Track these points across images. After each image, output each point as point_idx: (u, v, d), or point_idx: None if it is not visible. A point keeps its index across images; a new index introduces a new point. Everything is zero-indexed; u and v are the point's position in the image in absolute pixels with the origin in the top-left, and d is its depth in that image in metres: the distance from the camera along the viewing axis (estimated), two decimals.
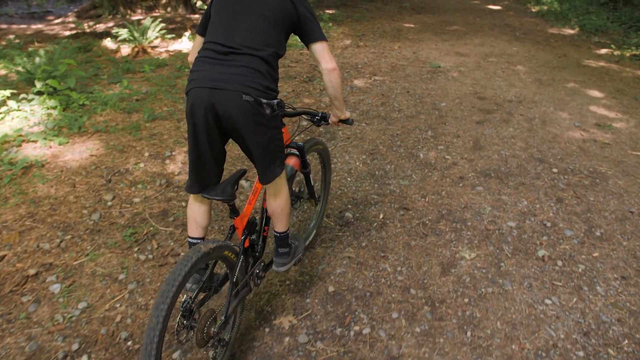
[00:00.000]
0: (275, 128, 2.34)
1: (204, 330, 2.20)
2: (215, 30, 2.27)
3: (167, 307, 1.90)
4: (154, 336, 1.86)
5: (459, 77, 7.63)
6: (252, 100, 2.12)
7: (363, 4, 14.45)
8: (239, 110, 2.12)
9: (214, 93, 2.11)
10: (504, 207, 4.22)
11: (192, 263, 2.01)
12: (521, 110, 6.36)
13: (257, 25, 2.23)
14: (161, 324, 1.87)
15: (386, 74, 7.72)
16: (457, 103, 6.54)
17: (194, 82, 2.17)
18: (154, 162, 4.86)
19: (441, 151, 5.22)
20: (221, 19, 2.29)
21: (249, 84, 2.12)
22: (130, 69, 7.88)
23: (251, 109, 2.14)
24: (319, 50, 2.32)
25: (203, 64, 2.20)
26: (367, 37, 10.20)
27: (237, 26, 2.23)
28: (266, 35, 2.23)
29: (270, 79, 2.22)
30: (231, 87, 2.09)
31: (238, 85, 2.10)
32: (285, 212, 2.66)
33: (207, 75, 2.15)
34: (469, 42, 9.93)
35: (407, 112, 6.23)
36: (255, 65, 2.16)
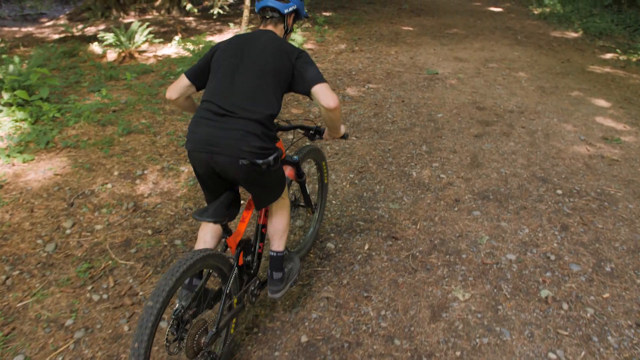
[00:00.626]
0: (273, 175, 2.38)
1: (195, 340, 2.15)
2: (214, 90, 2.28)
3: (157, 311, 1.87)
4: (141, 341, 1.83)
5: (457, 84, 7.17)
6: (248, 163, 2.16)
7: (361, 6, 14.00)
8: (236, 173, 2.23)
9: (212, 157, 2.18)
10: (503, 236, 3.77)
11: (178, 275, 1.98)
12: (523, 121, 5.90)
13: (255, 87, 2.25)
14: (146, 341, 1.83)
15: (381, 82, 7.27)
16: (454, 114, 6.09)
17: (192, 144, 2.24)
18: (123, 183, 4.43)
19: (436, 169, 4.77)
20: (220, 77, 2.29)
21: (244, 148, 2.15)
22: (113, 75, 7.46)
23: (248, 170, 2.21)
24: (318, 91, 2.28)
25: (200, 126, 2.23)
26: (363, 41, 9.75)
27: (235, 87, 2.24)
28: (263, 98, 2.25)
29: (266, 139, 2.24)
30: (228, 153, 2.15)
31: (234, 150, 2.14)
32: (285, 231, 2.64)
33: (204, 139, 2.19)
34: (468, 47, 9.47)
35: (401, 124, 5.79)
36: (251, 129, 2.18)
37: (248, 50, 2.33)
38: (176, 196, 4.30)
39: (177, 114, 5.87)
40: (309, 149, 3.09)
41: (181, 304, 2.11)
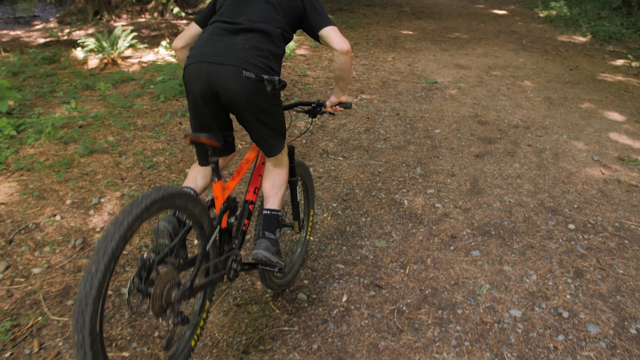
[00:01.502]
0: (275, 105, 2.22)
1: (163, 293, 1.76)
2: (222, 12, 2.20)
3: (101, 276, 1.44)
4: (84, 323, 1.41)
5: (457, 95, 6.55)
6: (253, 77, 2.01)
7: (361, 8, 13.39)
8: (238, 86, 2.02)
9: (213, 67, 2.00)
10: (507, 285, 3.16)
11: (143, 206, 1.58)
12: (529, 138, 5.28)
13: (265, 10, 2.17)
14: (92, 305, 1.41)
15: (375, 92, 6.66)
16: (453, 129, 5.47)
17: (193, 58, 2.07)
18: (75, 213, 3.85)
19: (430, 196, 4.16)
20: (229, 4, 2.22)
21: (250, 60, 2.02)
22: (89, 85, 6.88)
23: (251, 86, 2.04)
24: (330, 34, 2.20)
25: (205, 41, 2.10)
26: (360, 47, 9.13)
27: (245, 11, 2.16)
28: (273, 18, 2.16)
29: (273, 59, 2.12)
30: (231, 62, 1.99)
31: (239, 60, 2.00)
32: (281, 187, 2.46)
33: (207, 51, 2.05)
34: (470, 52, 8.84)
35: (394, 142, 5.18)
36: (259, 43, 2.07)
37: None
38: None
39: (149, 131, 5.29)
40: (297, 163, 2.86)
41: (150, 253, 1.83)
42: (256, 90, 2.06)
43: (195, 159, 2.54)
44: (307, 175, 3.10)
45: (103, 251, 1.47)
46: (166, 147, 4.93)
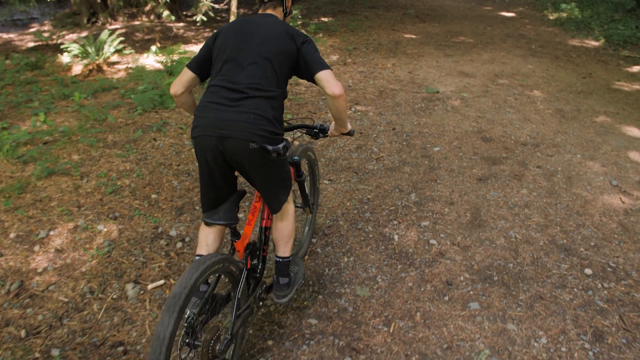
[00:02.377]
0: (281, 166, 2.26)
1: (210, 347, 2.02)
2: (221, 73, 2.18)
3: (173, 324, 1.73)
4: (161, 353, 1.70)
5: (460, 107, 5.96)
6: (259, 148, 2.07)
7: (363, 10, 12.80)
8: (246, 157, 2.10)
9: (222, 142, 2.07)
10: (510, 351, 2.59)
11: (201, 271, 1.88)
12: (538, 158, 4.69)
13: (264, 69, 2.15)
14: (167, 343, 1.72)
15: (371, 103, 6.08)
16: (454, 147, 4.89)
17: (200, 130, 2.10)
18: (17, 250, 3.33)
19: (425, 230, 3.59)
20: (227, 61, 2.19)
21: (255, 131, 2.06)
22: (66, 94, 6.37)
23: (258, 155, 2.10)
24: (323, 78, 2.18)
25: (209, 110, 2.12)
26: (359, 52, 8.56)
27: (243, 69, 2.15)
28: (272, 79, 2.16)
29: (276, 124, 2.16)
30: (238, 136, 2.04)
31: (245, 133, 2.05)
32: (291, 237, 2.53)
33: (214, 123, 2.08)
34: (476, 58, 8.23)
35: (387, 162, 4.61)
36: (262, 111, 2.10)
37: (253, 34, 2.22)
38: (79, 272, 3.18)
39: (119, 148, 4.76)
40: (303, 148, 2.91)
41: (192, 311, 2.00)
42: (262, 158, 2.13)
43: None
44: (315, 160, 3.20)
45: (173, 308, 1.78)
46: (134, 168, 4.40)
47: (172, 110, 5.74)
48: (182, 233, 3.61)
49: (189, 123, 5.42)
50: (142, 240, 3.51)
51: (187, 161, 4.59)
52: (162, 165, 4.49)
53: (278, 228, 2.51)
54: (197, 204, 3.96)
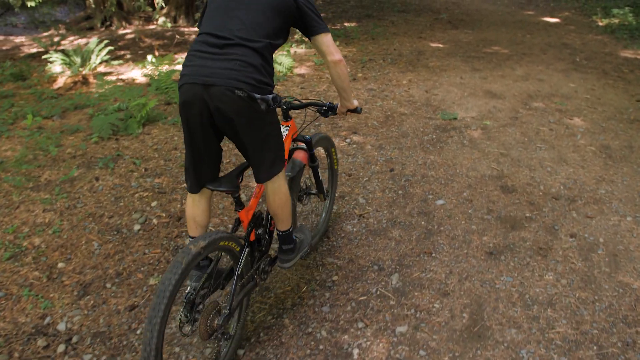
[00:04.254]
0: (271, 124, 2.13)
1: (208, 322, 2.01)
2: (209, 22, 2.07)
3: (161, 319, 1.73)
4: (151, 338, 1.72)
5: (480, 139, 4.76)
6: (246, 96, 1.94)
7: (391, 15, 11.60)
8: (232, 106, 1.96)
9: (206, 89, 1.93)
10: None
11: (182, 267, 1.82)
12: (573, 221, 3.48)
13: (252, 16, 2.02)
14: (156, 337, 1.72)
15: (372, 132, 4.96)
16: (464, 200, 3.73)
17: (186, 78, 1.98)
18: None
19: (400, 341, 2.49)
20: (215, 9, 2.08)
21: (242, 78, 1.93)
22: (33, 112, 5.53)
23: (245, 105, 1.96)
24: (322, 42, 2.14)
25: (195, 58, 1.99)
26: (374, 64, 7.41)
27: (231, 16, 2.03)
28: (261, 26, 2.02)
29: (265, 73, 2.01)
30: (223, 83, 1.91)
31: (230, 80, 1.91)
32: (285, 211, 2.36)
33: (198, 70, 1.95)
34: (508, 74, 6.94)
35: (372, 221, 3.50)
36: (249, 59, 1.96)
37: None
38: None
39: (48, 192, 3.84)
40: (319, 137, 2.88)
41: (192, 286, 2.04)
42: (249, 109, 1.98)
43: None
44: (330, 145, 3.11)
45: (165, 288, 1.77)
46: (54, 221, 3.46)
47: (134, 137, 4.79)
48: (74, 328, 2.63)
49: (147, 156, 4.45)
50: (14, 338, 2.54)
51: (124, 211, 3.62)
52: (90, 218, 3.53)
53: (271, 205, 2.33)
54: (110, 279, 2.98)
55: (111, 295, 2.87)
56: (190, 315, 2.00)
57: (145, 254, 3.23)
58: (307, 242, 2.65)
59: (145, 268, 3.09)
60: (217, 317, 2.07)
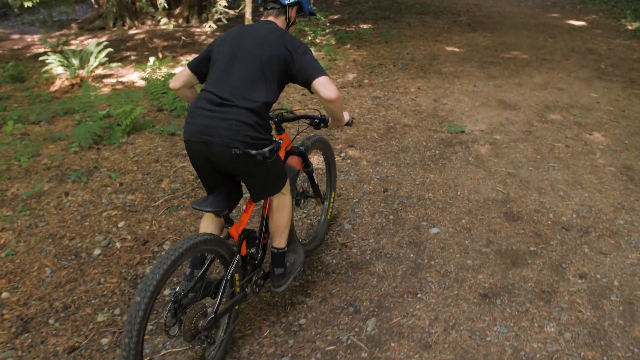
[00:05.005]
0: (270, 167, 2.20)
1: (192, 322, 2.01)
2: (211, 79, 2.19)
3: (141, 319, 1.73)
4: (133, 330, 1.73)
5: (487, 156, 4.32)
6: (241, 153, 2.04)
7: (408, 17, 11.12)
8: (230, 162, 2.10)
9: (206, 147, 2.08)
10: None
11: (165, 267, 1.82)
12: (584, 258, 3.03)
13: (251, 77, 2.12)
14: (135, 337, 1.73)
15: (370, 146, 4.56)
16: (462, 229, 3.31)
17: (187, 135, 2.13)
18: None
19: None
20: (218, 67, 2.19)
21: (237, 137, 2.04)
22: (21, 117, 5.29)
23: (241, 160, 2.08)
24: (318, 85, 2.13)
25: (195, 116, 2.12)
26: (382, 69, 6.99)
27: (232, 76, 2.14)
28: (258, 86, 2.12)
29: (260, 129, 2.11)
30: (220, 143, 2.04)
31: (227, 139, 2.03)
32: (286, 228, 2.43)
33: (199, 129, 2.09)
34: (525, 82, 6.44)
35: (355, 251, 3.12)
36: (244, 118, 2.06)
37: (247, 40, 2.21)
38: None
39: (11, 208, 3.55)
40: (315, 139, 2.90)
41: (181, 288, 2.04)
42: (247, 163, 2.08)
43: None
44: (329, 151, 3.10)
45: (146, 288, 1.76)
46: (10, 242, 3.16)
47: (116, 147, 4.49)
48: None
49: (125, 169, 4.14)
50: None
51: (88, 232, 3.31)
52: (49, 239, 3.22)
53: (273, 219, 2.41)
54: (55, 313, 2.66)
55: (52, 334, 2.54)
56: (176, 316, 2.01)
57: (100, 283, 2.90)
58: (300, 262, 2.59)
59: (97, 301, 2.76)
60: (202, 319, 2.06)
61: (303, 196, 2.98)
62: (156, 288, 1.78)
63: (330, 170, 3.26)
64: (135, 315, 1.73)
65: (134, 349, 1.73)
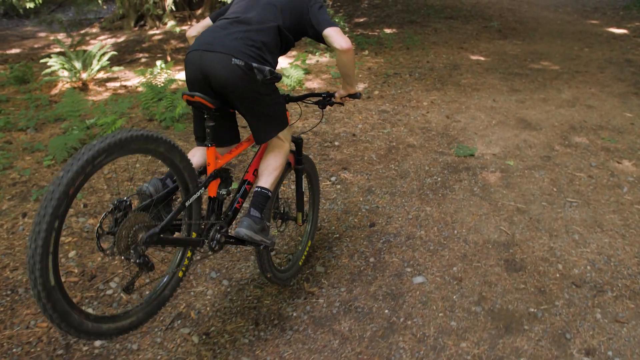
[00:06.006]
0: (268, 95, 2.12)
1: (131, 230, 1.70)
2: (230, 10, 2.21)
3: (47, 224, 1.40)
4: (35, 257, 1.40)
5: (495, 186, 3.79)
6: (242, 65, 1.96)
7: (436, 22, 10.53)
8: (227, 73, 1.98)
9: (205, 55, 2.00)
10: None
11: (81, 163, 1.46)
12: (594, 325, 2.52)
13: (267, 10, 2.14)
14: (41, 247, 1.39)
15: (366, 169, 4.09)
16: (451, 280, 2.82)
17: (192, 46, 2.08)
18: None
19: None
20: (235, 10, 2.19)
21: (241, 49, 1.98)
22: (9, 123, 5.04)
23: (240, 73, 1.97)
24: (330, 34, 2.14)
25: (205, 33, 2.12)
26: (397, 79, 6.48)
27: (248, 15, 2.13)
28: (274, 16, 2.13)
29: (266, 50, 2.06)
30: (221, 50, 1.98)
31: (229, 48, 1.97)
32: (276, 170, 2.28)
33: (203, 40, 2.05)
34: (552, 97, 5.82)
35: (321, 302, 2.68)
36: (252, 34, 2.05)
37: None
38: None
39: None
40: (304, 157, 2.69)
41: (126, 197, 1.75)
42: (245, 78, 1.99)
43: None
44: (313, 170, 2.88)
45: (44, 211, 1.41)
46: None
47: None
48: None
49: (93, 188, 3.80)
50: None
51: None
52: None
53: (266, 158, 2.29)
54: None
55: None
56: (113, 227, 1.69)
57: (29, 327, 2.54)
58: (271, 241, 2.33)
59: (18, 351, 2.40)
60: (144, 231, 1.75)
61: (282, 217, 2.69)
62: (66, 188, 1.44)
63: (314, 192, 2.98)
64: (44, 214, 1.40)
65: (40, 261, 1.41)
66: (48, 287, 1.45)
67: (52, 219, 1.42)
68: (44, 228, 1.41)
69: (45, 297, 1.45)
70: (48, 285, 1.45)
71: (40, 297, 1.45)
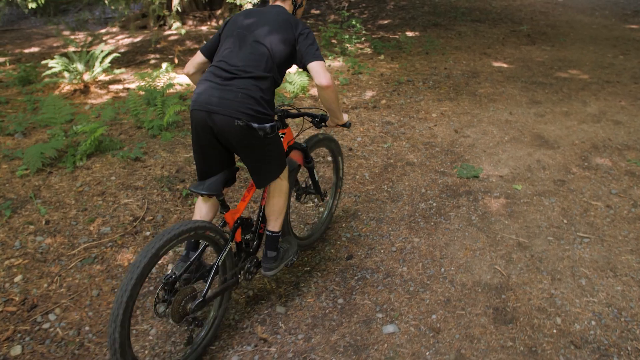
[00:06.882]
0: (270, 144, 2.23)
1: (181, 304, 2.05)
2: (220, 55, 2.23)
3: (127, 298, 1.77)
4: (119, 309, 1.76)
5: (497, 215, 3.36)
6: (244, 125, 2.07)
7: (461, 24, 10.00)
8: (232, 134, 2.11)
9: (210, 117, 2.09)
10: None
11: (153, 252, 1.84)
12: None
13: (259, 55, 2.17)
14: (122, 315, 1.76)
15: (356, 189, 3.71)
16: (427, 331, 2.44)
17: (195, 104, 2.15)
18: None
19: None
20: (227, 46, 2.23)
21: (241, 109, 2.08)
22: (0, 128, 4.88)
23: (243, 133, 2.10)
24: (313, 68, 2.20)
25: (205, 87, 2.16)
26: (409, 87, 6.05)
27: (240, 54, 2.18)
28: (266, 64, 2.17)
29: (265, 104, 2.16)
30: (224, 113, 2.07)
31: (231, 110, 2.06)
32: (281, 213, 2.45)
33: (205, 99, 2.11)
34: (575, 110, 5.30)
35: (272, 352, 2.35)
36: (250, 91, 2.11)
37: (256, 22, 2.25)
38: None
39: None
40: (322, 137, 2.87)
41: (173, 271, 2.07)
42: (248, 136, 2.10)
43: None
44: (337, 148, 3.05)
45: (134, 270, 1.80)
46: None
47: (69, 172, 3.91)
48: None
49: (61, 202, 3.55)
50: None
51: None
52: None
53: (269, 204, 2.42)
54: None
55: None
56: (167, 296, 2.01)
57: None
58: (293, 252, 2.60)
59: None
60: (191, 302, 2.08)
61: (305, 191, 2.92)
62: (143, 271, 1.80)
63: (338, 169, 3.18)
64: (122, 295, 1.74)
65: (120, 325, 1.75)
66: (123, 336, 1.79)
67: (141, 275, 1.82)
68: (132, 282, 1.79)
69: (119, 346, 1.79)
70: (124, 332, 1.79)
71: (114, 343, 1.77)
